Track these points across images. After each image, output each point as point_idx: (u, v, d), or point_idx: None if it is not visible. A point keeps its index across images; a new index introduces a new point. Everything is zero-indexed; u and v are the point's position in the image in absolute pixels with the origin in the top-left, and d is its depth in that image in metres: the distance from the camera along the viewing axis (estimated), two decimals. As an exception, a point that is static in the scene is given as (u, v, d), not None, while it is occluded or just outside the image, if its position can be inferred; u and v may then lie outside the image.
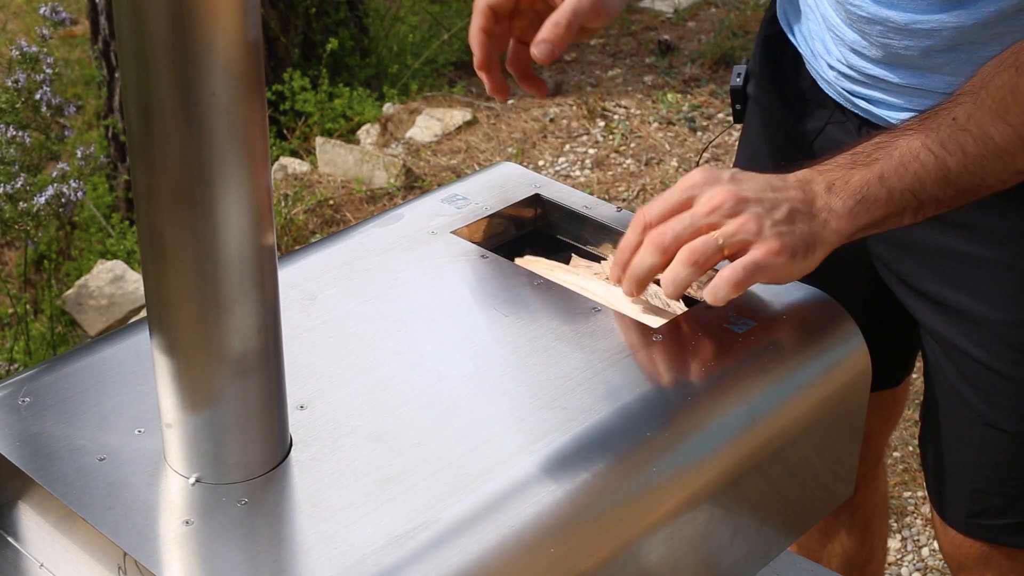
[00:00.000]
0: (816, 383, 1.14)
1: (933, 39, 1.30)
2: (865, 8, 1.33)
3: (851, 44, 1.38)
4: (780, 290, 1.18)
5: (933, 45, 1.30)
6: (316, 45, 4.25)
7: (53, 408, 1.01)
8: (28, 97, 2.79)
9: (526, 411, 1.02)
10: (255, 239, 0.87)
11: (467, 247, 1.23)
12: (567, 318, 1.13)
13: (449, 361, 1.07)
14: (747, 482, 1.08)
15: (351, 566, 0.87)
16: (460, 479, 0.95)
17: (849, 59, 1.39)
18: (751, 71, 1.61)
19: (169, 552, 0.89)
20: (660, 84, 4.29)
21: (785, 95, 1.55)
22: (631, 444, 1.00)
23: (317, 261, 1.21)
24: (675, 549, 1.03)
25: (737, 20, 4.67)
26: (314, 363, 1.06)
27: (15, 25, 5.31)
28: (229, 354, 0.90)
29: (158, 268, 0.88)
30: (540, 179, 1.35)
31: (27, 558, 0.98)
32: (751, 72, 1.61)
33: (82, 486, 0.93)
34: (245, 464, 0.94)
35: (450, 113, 4.03)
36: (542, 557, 0.92)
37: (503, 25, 1.32)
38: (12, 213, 2.65)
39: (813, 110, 1.50)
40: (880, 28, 1.33)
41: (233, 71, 0.81)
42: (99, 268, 3.44)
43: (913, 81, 1.34)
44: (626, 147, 3.91)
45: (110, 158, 4.13)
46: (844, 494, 1.23)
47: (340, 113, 4.06)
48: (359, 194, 3.67)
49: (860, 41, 1.36)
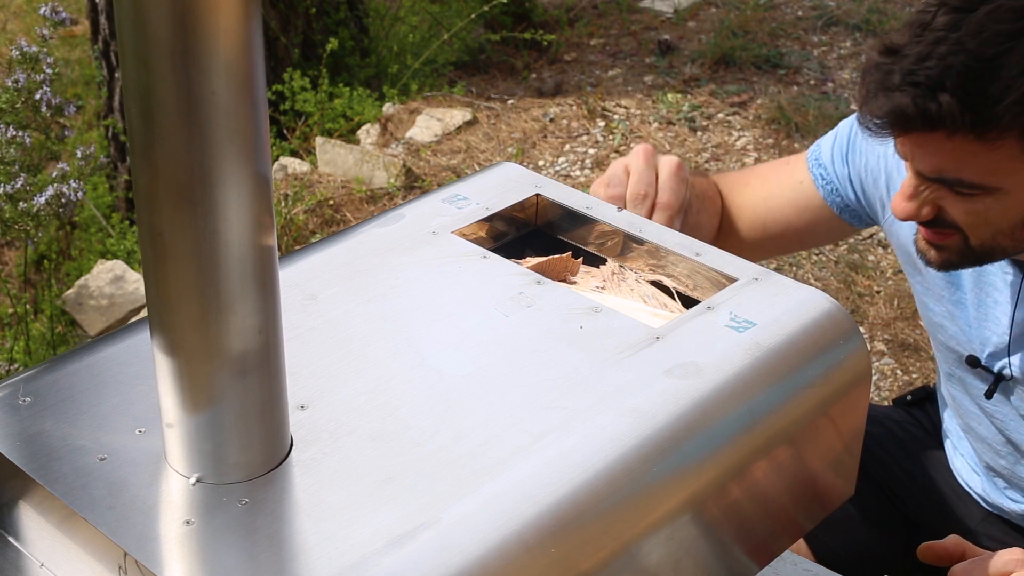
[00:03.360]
0: (816, 383, 1.14)
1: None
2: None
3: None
4: (780, 291, 1.18)
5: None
6: (316, 45, 4.25)
7: (53, 408, 1.01)
8: (28, 97, 2.79)
9: (526, 411, 1.02)
10: (255, 239, 0.87)
11: (467, 247, 1.23)
12: (567, 318, 1.13)
13: (449, 361, 1.07)
14: (747, 482, 1.08)
15: (351, 566, 0.87)
16: (460, 479, 0.95)
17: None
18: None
19: (170, 552, 0.89)
20: (660, 84, 4.29)
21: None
22: (631, 444, 1.00)
23: (317, 261, 1.21)
24: (675, 549, 1.03)
25: (737, 20, 4.67)
26: (314, 363, 1.06)
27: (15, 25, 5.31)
28: (229, 354, 0.90)
29: (158, 268, 0.88)
30: (540, 179, 1.35)
31: (27, 558, 0.98)
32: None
33: (82, 486, 0.93)
34: (246, 464, 0.94)
35: (450, 113, 4.03)
36: (542, 557, 0.92)
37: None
38: (12, 213, 2.65)
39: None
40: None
41: (233, 71, 0.81)
42: (99, 268, 3.44)
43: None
44: (626, 147, 3.91)
45: (110, 158, 4.13)
46: (844, 494, 1.23)
47: (340, 113, 4.06)
48: (359, 194, 3.67)
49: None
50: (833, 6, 4.86)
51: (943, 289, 1.63)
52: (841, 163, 1.68)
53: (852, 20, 4.73)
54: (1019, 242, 1.42)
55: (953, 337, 1.64)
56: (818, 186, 1.70)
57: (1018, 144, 1.32)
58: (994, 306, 1.57)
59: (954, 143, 1.34)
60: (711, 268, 1.22)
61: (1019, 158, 1.33)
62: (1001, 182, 1.36)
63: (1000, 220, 1.39)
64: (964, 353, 1.63)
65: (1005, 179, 1.35)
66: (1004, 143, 1.32)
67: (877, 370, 3.04)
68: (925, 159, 1.38)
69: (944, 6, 1.33)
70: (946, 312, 1.64)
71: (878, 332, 3.16)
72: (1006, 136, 1.31)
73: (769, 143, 3.92)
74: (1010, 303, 1.55)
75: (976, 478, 1.74)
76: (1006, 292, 1.55)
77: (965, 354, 1.62)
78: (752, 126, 4.01)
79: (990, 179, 1.35)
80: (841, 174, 1.68)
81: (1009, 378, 1.58)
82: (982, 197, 1.37)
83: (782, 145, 3.91)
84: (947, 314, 1.64)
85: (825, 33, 4.67)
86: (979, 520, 1.75)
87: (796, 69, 4.37)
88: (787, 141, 3.93)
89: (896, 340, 3.12)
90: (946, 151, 1.35)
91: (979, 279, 1.58)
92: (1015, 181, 1.35)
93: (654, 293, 1.19)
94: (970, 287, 1.59)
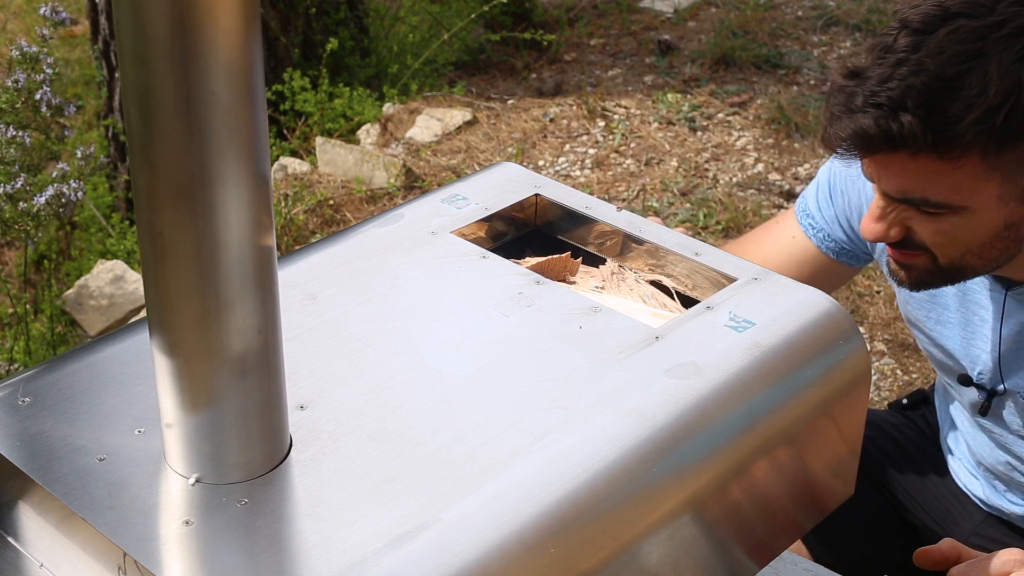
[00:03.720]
0: (816, 383, 1.14)
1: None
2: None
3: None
4: (779, 290, 1.18)
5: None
6: (316, 45, 4.25)
7: (53, 408, 1.01)
8: (28, 97, 2.79)
9: (526, 411, 1.02)
10: (255, 239, 0.87)
11: (467, 247, 1.23)
12: (567, 318, 1.13)
13: (449, 361, 1.07)
14: (747, 482, 1.08)
15: (351, 566, 0.87)
16: (460, 479, 0.95)
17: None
18: None
19: (169, 552, 0.89)
20: (660, 84, 4.29)
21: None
22: (631, 444, 1.00)
23: (317, 261, 1.21)
24: (675, 549, 1.03)
25: (737, 20, 4.67)
26: (314, 363, 1.06)
27: (15, 25, 5.31)
28: (229, 354, 0.90)
29: (158, 268, 0.88)
30: (540, 179, 1.35)
31: (27, 558, 0.98)
32: None
33: (82, 486, 0.93)
34: (245, 464, 0.94)
35: (450, 113, 4.04)
36: (542, 557, 0.92)
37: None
38: (12, 213, 2.65)
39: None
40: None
41: (233, 71, 0.81)
42: (99, 268, 3.44)
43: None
44: (626, 147, 3.91)
45: (110, 158, 4.13)
46: (844, 494, 1.23)
47: (340, 113, 4.06)
48: (359, 194, 3.67)
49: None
50: (833, 6, 4.86)
51: (930, 311, 1.64)
52: (827, 205, 1.70)
53: (852, 20, 4.73)
54: (988, 261, 1.43)
55: (945, 357, 1.66)
56: (810, 235, 1.72)
57: (981, 163, 1.33)
58: (981, 324, 1.58)
59: (918, 163, 1.35)
60: (710, 268, 1.22)
61: (982, 177, 1.34)
62: (966, 201, 1.36)
63: (969, 239, 1.40)
64: (956, 372, 1.64)
65: (970, 198, 1.36)
66: (967, 161, 1.33)
67: (877, 370, 3.04)
68: (890, 180, 1.39)
69: (905, 28, 1.35)
70: (936, 334, 1.65)
71: (878, 332, 3.16)
72: (968, 155, 1.32)
73: (769, 143, 3.92)
74: (996, 320, 1.55)
75: (975, 481, 1.74)
76: (990, 309, 1.56)
77: (957, 372, 1.64)
78: (752, 126, 4.01)
79: (955, 198, 1.36)
80: (828, 216, 1.70)
81: (1002, 393, 1.58)
82: (949, 216, 1.38)
83: (782, 145, 3.91)
84: (937, 335, 1.65)
85: (825, 33, 4.67)
86: (979, 522, 1.75)
87: (796, 69, 4.37)
88: (787, 141, 3.93)
89: (896, 340, 3.12)
90: (910, 171, 1.36)
91: (964, 298, 1.59)
92: (980, 200, 1.36)
93: (654, 293, 1.19)
94: (956, 307, 1.60)
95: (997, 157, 1.33)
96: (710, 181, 3.72)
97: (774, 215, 3.54)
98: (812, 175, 3.75)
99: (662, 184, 3.70)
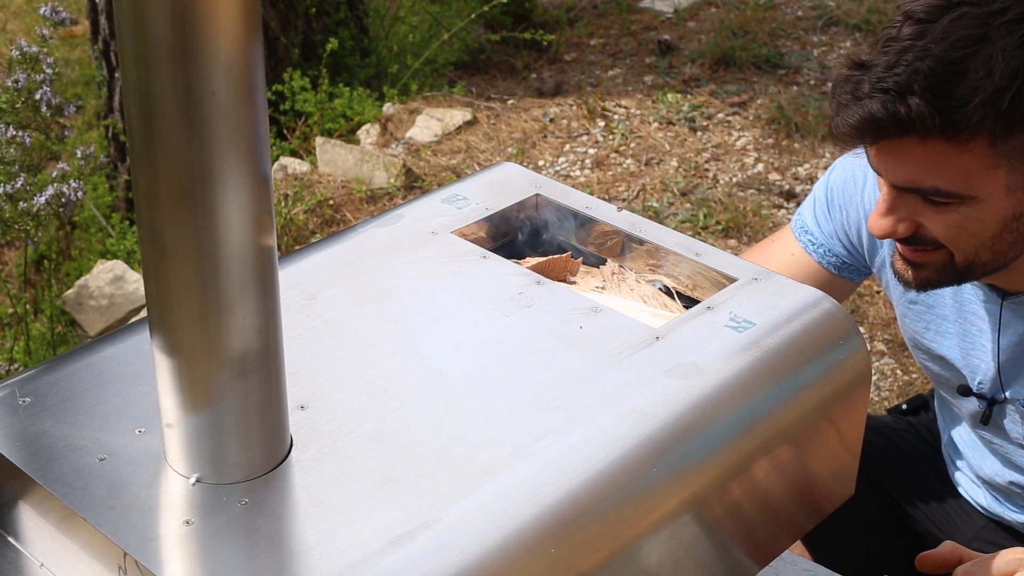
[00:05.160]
0: (816, 383, 1.14)
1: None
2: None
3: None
4: (780, 291, 1.18)
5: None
6: (316, 45, 4.25)
7: (53, 408, 1.01)
8: (28, 97, 2.79)
9: (526, 411, 1.02)
10: (255, 239, 0.87)
11: (467, 247, 1.23)
12: (567, 318, 1.13)
13: (449, 361, 1.07)
14: (747, 482, 1.08)
15: (351, 566, 0.87)
16: (460, 479, 0.95)
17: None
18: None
19: (169, 552, 0.89)
20: (660, 84, 4.29)
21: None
22: (631, 444, 1.00)
23: (317, 261, 1.21)
24: (675, 549, 1.03)
25: (737, 20, 4.67)
26: (314, 363, 1.06)
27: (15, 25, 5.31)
28: (229, 354, 0.90)
29: (158, 268, 0.88)
30: (540, 179, 1.35)
31: (27, 558, 0.98)
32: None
33: (82, 486, 0.93)
34: (245, 464, 0.94)
35: (450, 113, 4.04)
36: (542, 557, 0.92)
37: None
38: (12, 213, 2.65)
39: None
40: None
41: (233, 71, 0.81)
42: (99, 268, 3.44)
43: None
44: (626, 147, 3.91)
45: (110, 158, 4.13)
46: (844, 494, 1.23)
47: (340, 113, 4.06)
48: (359, 194, 3.67)
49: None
50: (833, 6, 4.87)
51: (929, 323, 1.65)
52: (826, 221, 1.71)
53: (852, 20, 4.73)
54: (998, 255, 1.43)
55: (944, 369, 1.66)
56: (810, 252, 1.72)
57: (989, 149, 1.33)
58: (979, 334, 1.58)
59: (926, 148, 1.35)
60: (711, 268, 1.22)
61: (990, 164, 1.34)
62: (975, 190, 1.36)
63: (980, 230, 1.40)
64: (956, 383, 1.64)
65: (979, 187, 1.36)
66: (975, 146, 1.33)
67: (877, 370, 3.04)
68: (899, 168, 1.39)
69: (909, 19, 1.35)
70: (936, 345, 1.65)
71: (878, 332, 3.16)
72: (976, 139, 1.32)
73: (769, 143, 3.92)
74: (993, 330, 1.56)
75: (977, 489, 1.75)
76: (987, 319, 1.56)
77: (957, 384, 1.64)
78: (752, 126, 4.01)
79: (964, 186, 1.36)
80: (827, 231, 1.70)
81: (1002, 401, 1.59)
82: (958, 207, 1.38)
83: (782, 145, 3.91)
84: (937, 347, 1.65)
85: (825, 33, 4.67)
86: (980, 527, 1.75)
87: (796, 69, 4.37)
88: (787, 141, 3.93)
89: (896, 340, 3.12)
90: (919, 157, 1.36)
91: (961, 309, 1.59)
92: (989, 189, 1.36)
93: (654, 293, 1.19)
94: (954, 317, 1.61)
95: (1004, 143, 1.33)
96: (710, 181, 3.73)
97: (774, 215, 3.55)
98: (812, 175, 3.75)
99: (662, 184, 3.70)
